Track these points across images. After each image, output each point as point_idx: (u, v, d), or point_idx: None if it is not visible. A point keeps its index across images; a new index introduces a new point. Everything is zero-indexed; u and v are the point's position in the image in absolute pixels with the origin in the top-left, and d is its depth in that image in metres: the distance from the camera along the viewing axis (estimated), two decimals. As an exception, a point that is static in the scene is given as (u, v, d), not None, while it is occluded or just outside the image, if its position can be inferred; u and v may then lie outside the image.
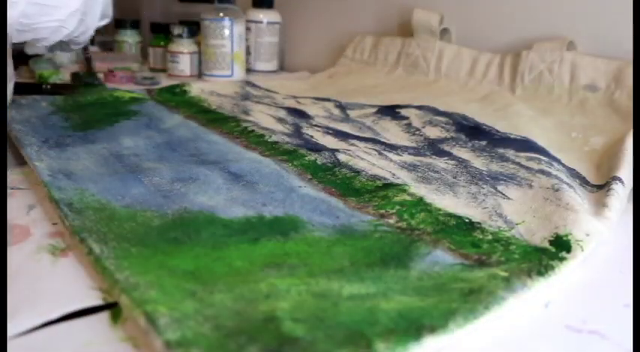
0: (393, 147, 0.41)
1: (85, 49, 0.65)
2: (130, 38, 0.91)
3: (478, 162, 0.37)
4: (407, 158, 0.38)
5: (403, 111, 0.50)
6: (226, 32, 0.72)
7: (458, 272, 0.22)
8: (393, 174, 0.34)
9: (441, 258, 0.24)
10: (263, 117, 0.48)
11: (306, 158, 0.36)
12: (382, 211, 0.29)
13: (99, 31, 0.52)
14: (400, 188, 0.31)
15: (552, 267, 0.23)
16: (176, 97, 0.55)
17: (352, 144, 0.41)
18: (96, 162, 0.34)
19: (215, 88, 0.59)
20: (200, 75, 0.76)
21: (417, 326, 0.17)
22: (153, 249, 0.23)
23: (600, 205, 0.30)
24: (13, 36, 0.35)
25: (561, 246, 0.25)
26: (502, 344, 0.19)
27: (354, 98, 0.59)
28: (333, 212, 0.29)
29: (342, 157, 0.36)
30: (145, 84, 0.69)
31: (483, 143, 0.42)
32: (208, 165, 0.34)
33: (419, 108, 0.50)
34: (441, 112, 0.49)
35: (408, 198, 0.30)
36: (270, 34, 0.81)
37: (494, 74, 0.59)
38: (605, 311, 0.22)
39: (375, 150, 0.40)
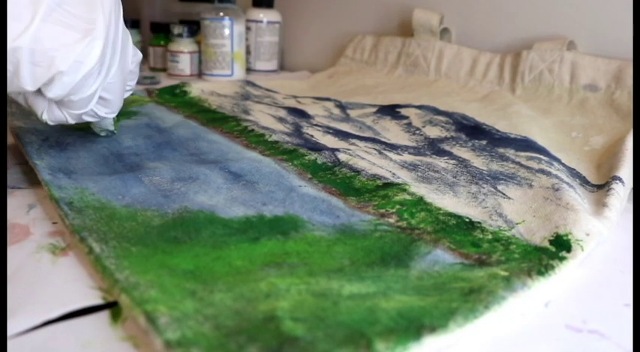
0: (393, 147, 0.41)
1: None
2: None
3: (478, 162, 0.37)
4: (407, 157, 0.38)
5: (403, 111, 0.50)
6: (226, 32, 0.72)
7: (458, 272, 0.22)
8: (393, 174, 0.34)
9: (441, 257, 0.24)
10: (263, 117, 0.48)
11: (307, 157, 0.36)
12: (382, 210, 0.29)
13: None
14: (400, 187, 0.31)
15: (552, 267, 0.23)
16: (176, 98, 0.55)
17: (352, 144, 0.41)
18: (96, 161, 0.34)
19: (215, 88, 0.59)
20: (200, 74, 0.76)
21: (417, 326, 0.17)
22: (153, 248, 0.23)
23: (600, 205, 0.30)
24: None
25: (561, 245, 0.25)
26: (502, 344, 0.19)
27: (354, 98, 0.59)
28: (333, 211, 0.29)
29: (342, 157, 0.36)
30: (145, 83, 0.69)
31: (483, 142, 0.42)
32: (208, 164, 0.34)
33: (419, 107, 0.50)
34: (441, 112, 0.49)
35: (408, 197, 0.30)
36: (270, 33, 0.81)
37: (494, 74, 0.59)
38: (605, 311, 0.22)
39: (375, 149, 0.39)
